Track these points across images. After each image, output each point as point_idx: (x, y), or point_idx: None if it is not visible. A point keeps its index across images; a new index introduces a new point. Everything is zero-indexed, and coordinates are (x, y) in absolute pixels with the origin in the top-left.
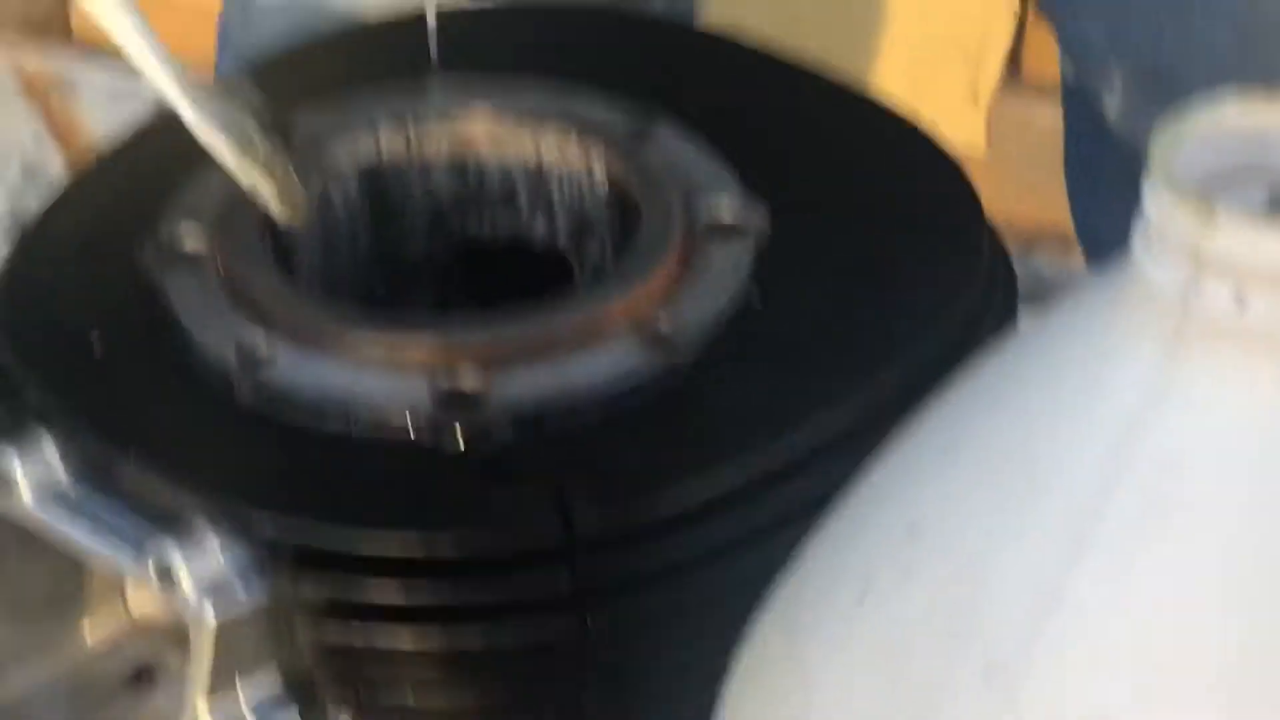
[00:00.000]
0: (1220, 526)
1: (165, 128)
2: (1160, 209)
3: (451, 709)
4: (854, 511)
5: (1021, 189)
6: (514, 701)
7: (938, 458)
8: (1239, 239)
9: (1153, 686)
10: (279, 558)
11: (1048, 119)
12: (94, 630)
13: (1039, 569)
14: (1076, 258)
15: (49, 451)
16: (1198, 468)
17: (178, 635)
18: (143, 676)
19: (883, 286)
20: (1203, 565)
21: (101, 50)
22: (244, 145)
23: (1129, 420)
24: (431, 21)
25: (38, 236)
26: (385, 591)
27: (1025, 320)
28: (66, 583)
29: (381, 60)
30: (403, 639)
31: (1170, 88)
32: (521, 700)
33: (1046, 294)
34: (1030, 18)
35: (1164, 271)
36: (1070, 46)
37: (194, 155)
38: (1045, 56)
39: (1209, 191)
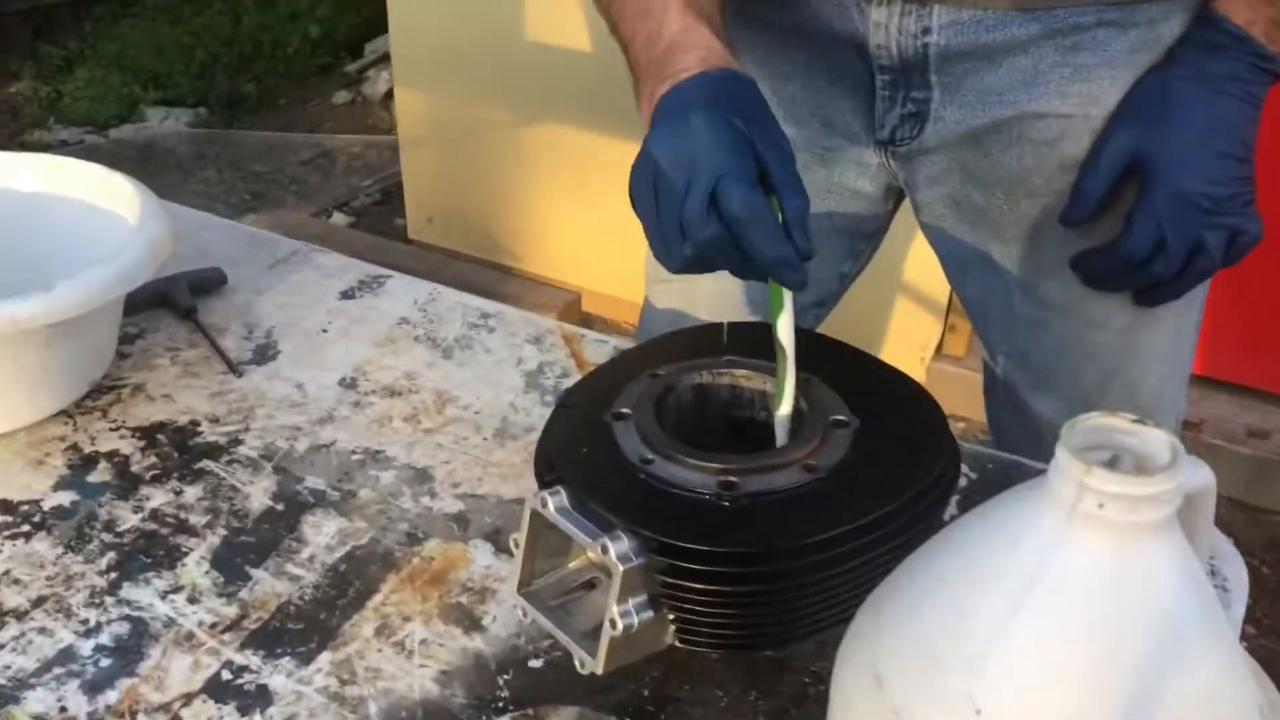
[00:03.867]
0: (1083, 616)
1: (614, 365)
2: (1065, 460)
3: (711, 619)
4: (909, 574)
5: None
6: (735, 619)
7: (950, 556)
8: (1099, 479)
9: (1043, 706)
10: (651, 548)
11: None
12: (572, 566)
13: (992, 624)
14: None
15: (562, 495)
16: (1073, 586)
17: (607, 573)
18: (591, 584)
19: (904, 454)
20: (1073, 638)
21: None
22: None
23: (1041, 556)
24: (725, 338)
25: (563, 401)
26: (691, 564)
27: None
28: (561, 548)
29: (708, 344)
30: (695, 585)
31: (1022, 366)
32: (739, 619)
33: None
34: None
35: (1064, 488)
36: (985, 343)
37: (626, 377)
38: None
39: (1084, 454)
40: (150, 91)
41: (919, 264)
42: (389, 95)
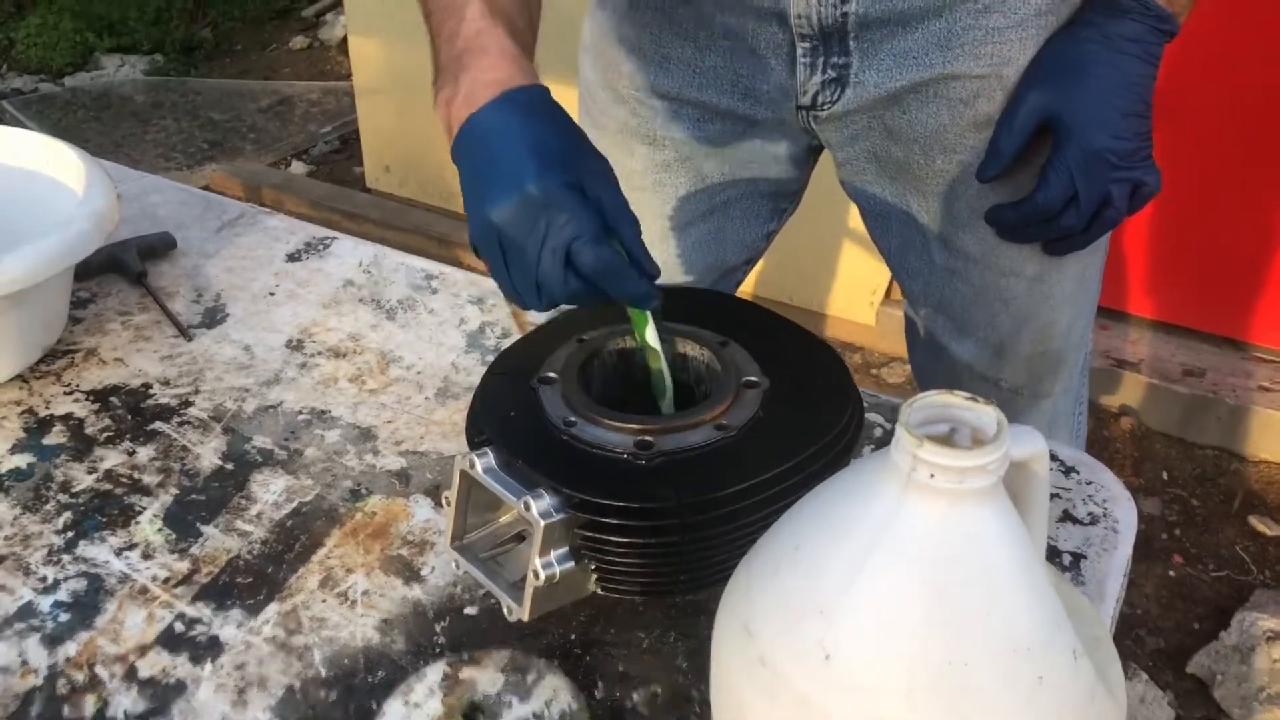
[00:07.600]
0: (916, 573)
1: (542, 331)
2: (901, 435)
3: (628, 569)
4: (776, 535)
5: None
6: (650, 568)
7: (809, 520)
8: (929, 452)
9: (882, 652)
10: (571, 504)
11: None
12: (503, 521)
13: (839, 581)
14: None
15: (490, 456)
16: (908, 546)
17: (530, 530)
18: (521, 536)
19: (809, 413)
20: (907, 592)
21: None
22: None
23: (882, 521)
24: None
25: (493, 368)
26: (608, 519)
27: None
28: (493, 504)
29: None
30: (613, 538)
31: (941, 313)
32: (654, 568)
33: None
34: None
35: (901, 459)
36: (906, 293)
37: (555, 342)
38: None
39: (921, 428)
40: (105, 39)
41: None
42: (346, 40)
